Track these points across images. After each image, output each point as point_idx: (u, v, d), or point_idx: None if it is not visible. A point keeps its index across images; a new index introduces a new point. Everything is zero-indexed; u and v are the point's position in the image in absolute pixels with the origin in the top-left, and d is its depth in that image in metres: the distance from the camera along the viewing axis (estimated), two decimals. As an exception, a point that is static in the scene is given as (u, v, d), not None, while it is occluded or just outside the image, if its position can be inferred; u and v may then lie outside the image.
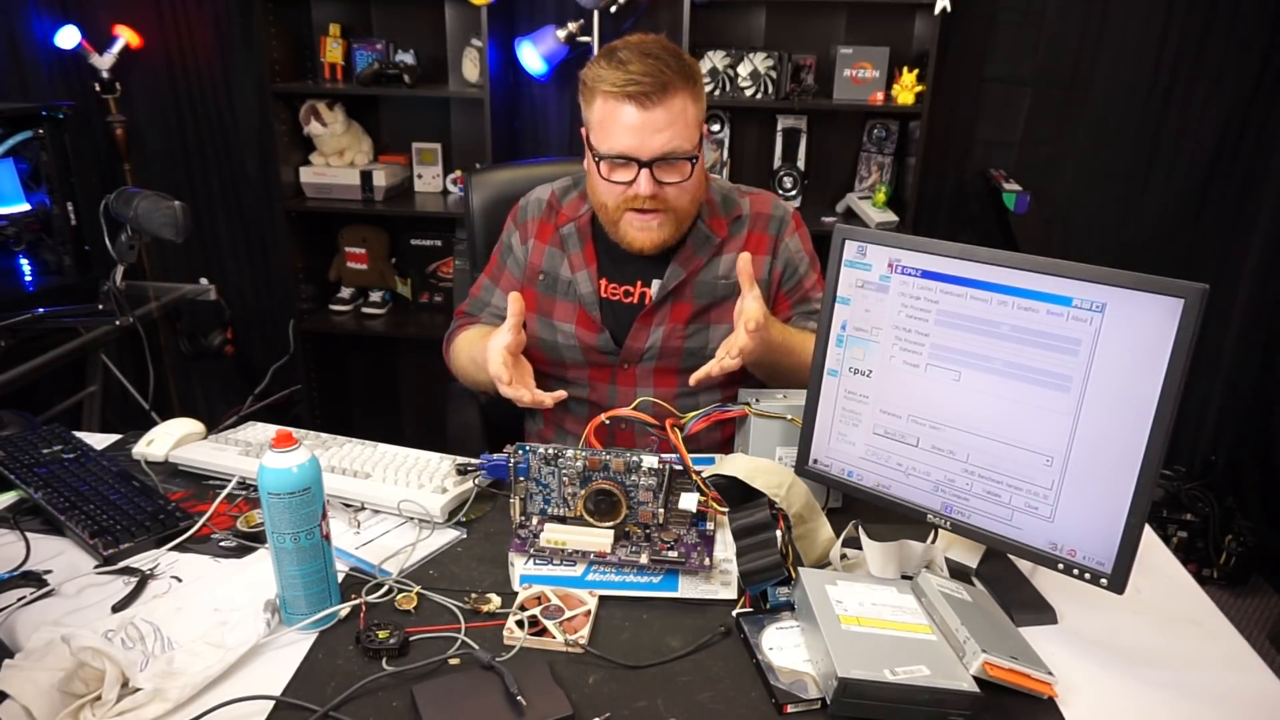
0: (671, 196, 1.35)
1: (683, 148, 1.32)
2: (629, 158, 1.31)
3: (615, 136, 1.31)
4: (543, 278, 1.50)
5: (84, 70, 2.81)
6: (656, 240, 1.38)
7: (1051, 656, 0.94)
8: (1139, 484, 0.92)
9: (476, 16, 2.58)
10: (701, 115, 1.37)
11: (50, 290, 2.32)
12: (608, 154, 1.33)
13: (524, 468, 1.10)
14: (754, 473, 1.10)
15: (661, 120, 1.29)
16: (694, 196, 1.39)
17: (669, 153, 1.31)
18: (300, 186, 2.88)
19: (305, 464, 0.93)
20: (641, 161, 1.31)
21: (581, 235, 1.48)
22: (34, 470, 1.26)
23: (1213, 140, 2.56)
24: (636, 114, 1.29)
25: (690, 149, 1.33)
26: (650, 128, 1.29)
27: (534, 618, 0.98)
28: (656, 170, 1.32)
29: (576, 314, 1.48)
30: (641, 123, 1.29)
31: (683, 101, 1.31)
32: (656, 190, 1.33)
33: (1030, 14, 2.58)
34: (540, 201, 1.55)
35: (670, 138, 1.30)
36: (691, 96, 1.32)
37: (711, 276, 1.46)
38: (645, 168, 1.31)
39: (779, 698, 0.88)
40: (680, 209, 1.37)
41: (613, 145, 1.32)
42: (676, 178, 1.34)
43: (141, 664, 0.89)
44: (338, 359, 3.20)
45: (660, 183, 1.33)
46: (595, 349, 1.47)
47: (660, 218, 1.36)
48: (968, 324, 1.02)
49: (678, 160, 1.32)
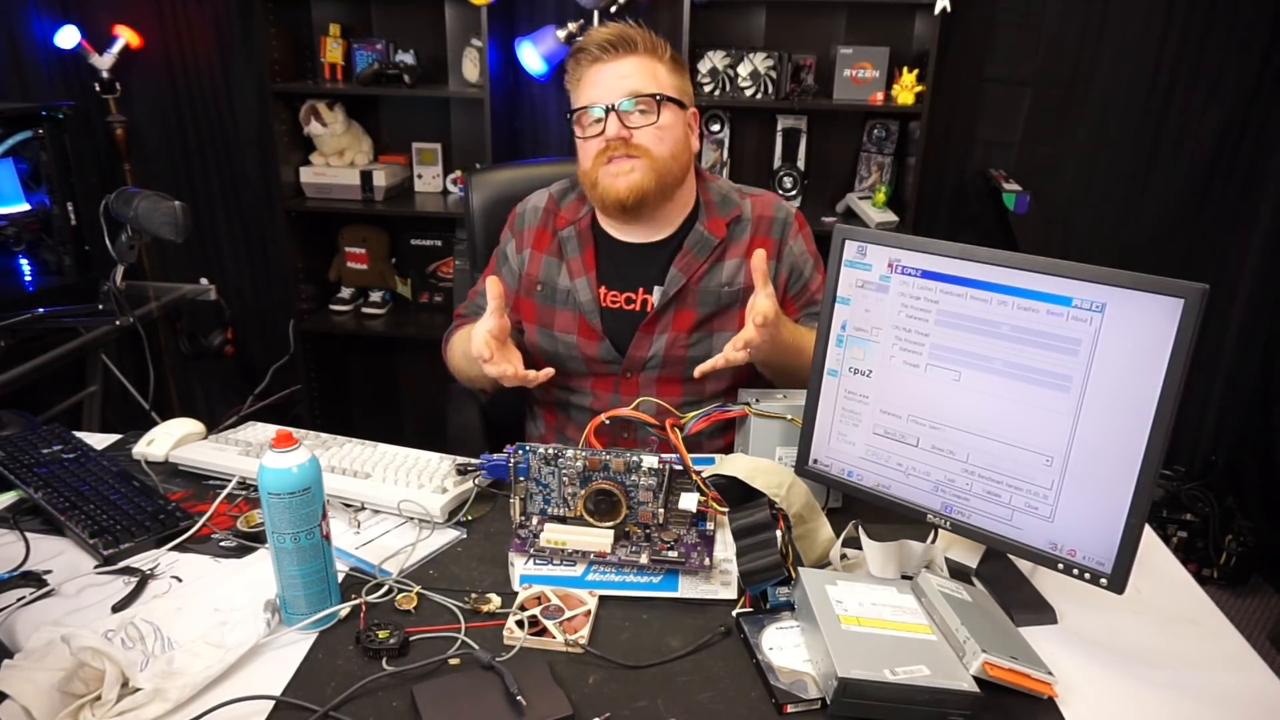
0: (644, 141, 1.38)
1: (647, 89, 1.37)
2: (596, 105, 1.37)
3: (584, 91, 1.40)
4: (540, 288, 1.50)
5: (84, 70, 2.81)
6: (633, 184, 1.37)
7: (1051, 656, 0.94)
8: (1139, 484, 0.92)
9: (476, 16, 2.58)
10: (680, 85, 1.43)
11: (50, 290, 2.33)
12: (577, 106, 1.40)
13: (524, 468, 1.10)
14: (754, 473, 1.10)
15: (627, 68, 1.37)
16: (671, 149, 1.40)
17: (633, 93, 1.36)
18: (300, 186, 2.88)
19: (305, 464, 0.93)
20: (608, 107, 1.36)
21: (582, 239, 1.48)
22: (34, 470, 1.26)
23: (1213, 140, 2.56)
24: (603, 66, 1.38)
25: (654, 90, 1.38)
26: (615, 74, 1.37)
27: (534, 618, 0.98)
28: (624, 116, 1.37)
29: (577, 323, 1.47)
30: (605, 71, 1.38)
31: (650, 63, 1.39)
32: (624, 133, 1.37)
33: (1030, 14, 2.58)
34: (537, 209, 1.54)
35: (635, 83, 1.37)
36: (660, 63, 1.40)
37: (715, 284, 1.45)
38: (611, 111, 1.36)
39: (779, 698, 0.88)
40: (656, 156, 1.38)
41: (581, 99, 1.40)
42: (643, 122, 1.38)
43: (141, 664, 0.89)
44: (338, 359, 3.20)
45: (629, 127, 1.37)
46: (597, 359, 1.47)
47: (634, 163, 1.38)
48: (968, 324, 1.02)
49: (643, 99, 1.37)
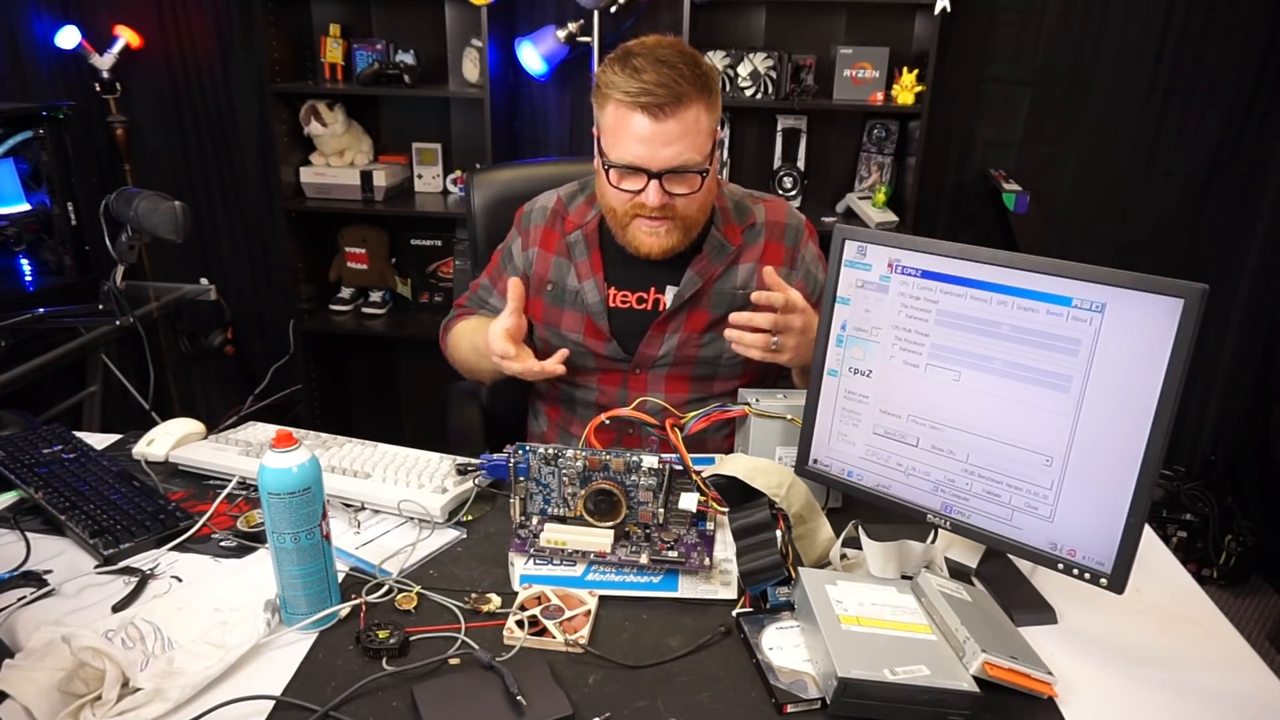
0: (680, 206, 1.33)
1: (694, 160, 1.29)
2: (638, 168, 1.29)
3: (625, 145, 1.28)
4: (550, 288, 1.49)
5: (84, 70, 2.81)
6: (665, 246, 1.36)
7: (1051, 656, 0.95)
8: (1139, 484, 0.92)
9: (476, 16, 2.58)
10: (715, 124, 1.33)
11: (50, 290, 2.33)
12: (617, 162, 1.30)
13: (524, 468, 1.10)
14: (754, 473, 1.10)
15: (673, 132, 1.26)
16: (703, 205, 1.37)
17: (679, 166, 1.28)
18: (300, 186, 2.88)
19: (305, 464, 0.93)
20: (651, 173, 1.28)
21: (589, 242, 1.47)
22: (34, 470, 1.26)
23: (1213, 140, 2.56)
24: (648, 124, 1.26)
25: (701, 161, 1.30)
26: (661, 140, 1.26)
27: (534, 618, 0.98)
28: (666, 181, 1.29)
29: (584, 324, 1.47)
30: (652, 134, 1.26)
31: (696, 112, 1.27)
32: (665, 200, 1.31)
33: (1030, 14, 2.58)
34: (545, 209, 1.53)
35: (681, 150, 1.27)
36: (706, 106, 1.28)
37: (730, 286, 1.44)
38: (655, 179, 1.28)
39: (779, 698, 0.88)
40: (689, 217, 1.36)
41: (622, 154, 1.29)
42: (686, 189, 1.31)
43: (141, 664, 0.89)
44: (338, 359, 3.20)
45: (669, 194, 1.31)
46: (605, 356, 1.47)
47: (669, 224, 1.34)
48: (967, 324, 1.02)
49: (688, 173, 1.30)
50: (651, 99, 1.24)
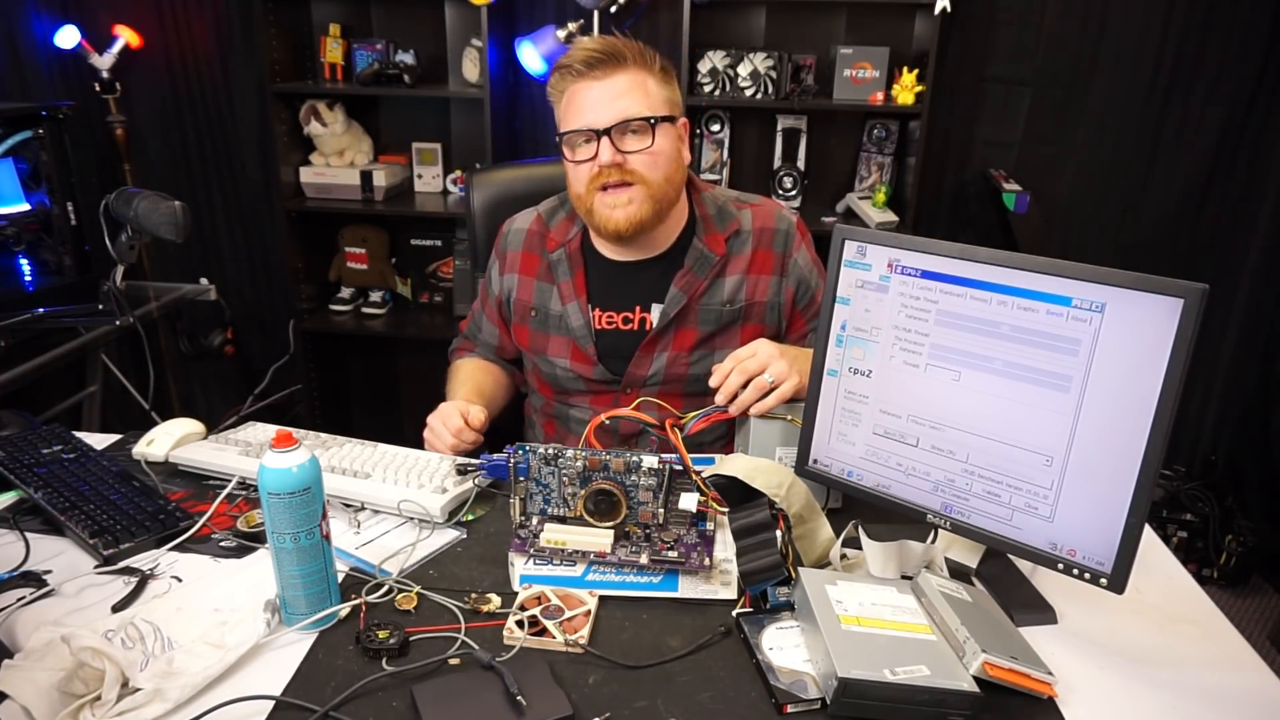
0: (638, 166, 1.32)
1: (640, 112, 1.31)
2: (587, 129, 1.31)
3: (574, 114, 1.33)
4: (534, 314, 1.48)
5: (84, 70, 2.81)
6: (631, 216, 1.34)
7: (1051, 656, 0.94)
8: (1139, 484, 0.92)
9: (476, 16, 2.58)
10: (671, 97, 1.37)
11: (50, 290, 2.33)
12: (567, 130, 1.34)
13: (524, 468, 1.10)
14: (754, 473, 1.10)
15: (618, 87, 1.31)
16: (666, 172, 1.35)
17: (626, 117, 1.30)
18: (300, 186, 2.88)
19: (305, 464, 0.93)
20: (599, 130, 1.30)
21: (572, 262, 1.45)
22: (34, 470, 1.26)
23: (1213, 140, 2.56)
24: (592, 86, 1.31)
25: (647, 113, 1.32)
26: (607, 96, 1.31)
27: (534, 618, 0.98)
28: (616, 138, 1.31)
29: (570, 349, 1.46)
30: (598, 94, 1.31)
31: (641, 77, 1.33)
32: (618, 159, 1.31)
33: (1030, 14, 2.58)
34: (522, 231, 1.51)
35: (627, 105, 1.31)
36: (651, 75, 1.34)
37: (716, 301, 1.42)
38: (604, 135, 1.30)
39: (779, 698, 0.88)
40: (651, 182, 1.33)
41: (571, 122, 1.34)
42: (638, 145, 1.32)
43: (141, 664, 0.89)
44: (338, 359, 3.20)
45: (622, 151, 1.31)
46: (594, 379, 1.46)
47: (629, 192, 1.33)
48: (967, 324, 1.02)
49: (635, 123, 1.31)
50: (590, 64, 1.31)
